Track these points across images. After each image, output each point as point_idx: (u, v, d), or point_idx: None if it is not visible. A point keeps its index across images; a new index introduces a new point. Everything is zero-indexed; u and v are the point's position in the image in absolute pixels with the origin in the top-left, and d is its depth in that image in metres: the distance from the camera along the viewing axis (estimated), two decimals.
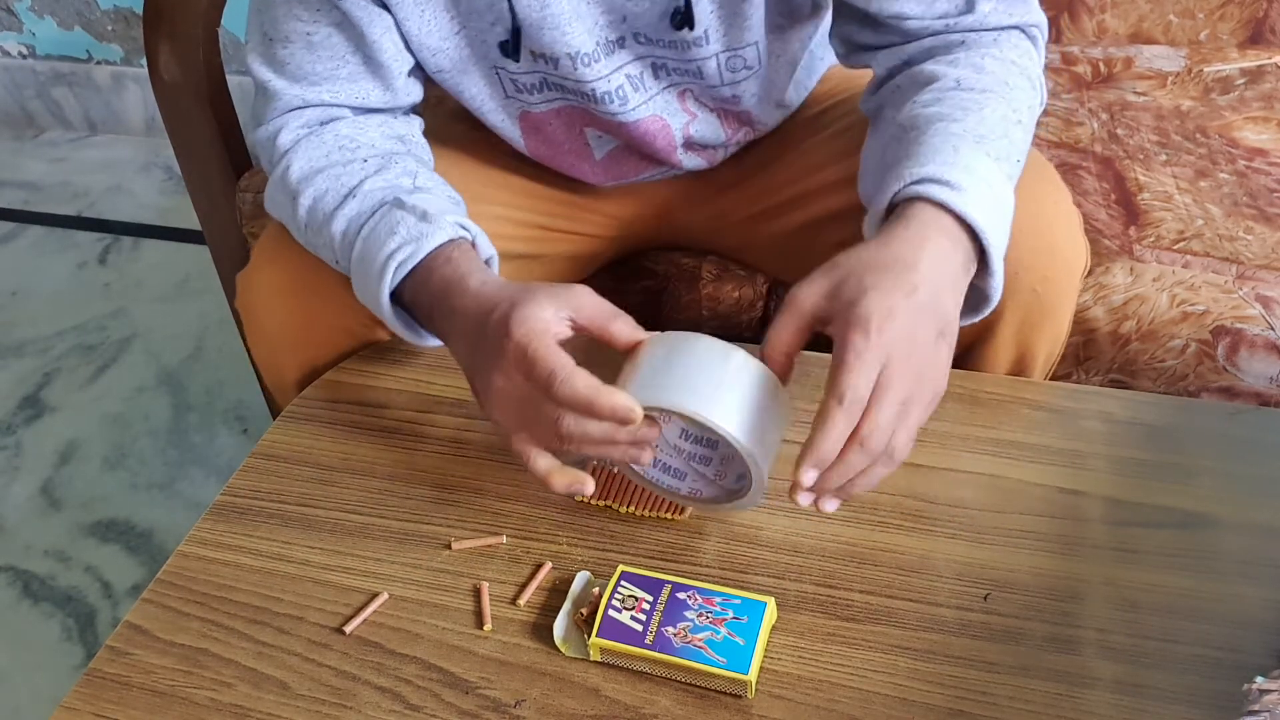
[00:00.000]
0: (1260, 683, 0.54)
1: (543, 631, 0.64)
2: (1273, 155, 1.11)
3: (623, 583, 0.63)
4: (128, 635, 0.66)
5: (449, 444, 0.77)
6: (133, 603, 0.70)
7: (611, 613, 0.61)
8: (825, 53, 0.94)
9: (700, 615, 0.61)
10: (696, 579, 0.64)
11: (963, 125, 0.67)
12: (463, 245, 0.73)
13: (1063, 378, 0.89)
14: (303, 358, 0.85)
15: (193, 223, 1.52)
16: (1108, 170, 1.10)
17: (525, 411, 0.64)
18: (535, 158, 0.93)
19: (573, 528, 0.70)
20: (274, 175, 0.82)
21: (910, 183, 0.64)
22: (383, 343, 0.86)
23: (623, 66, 0.82)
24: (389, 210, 0.75)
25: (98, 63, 2.30)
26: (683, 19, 0.76)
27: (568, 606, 0.64)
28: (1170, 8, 1.29)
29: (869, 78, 0.84)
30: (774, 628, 0.63)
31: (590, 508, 0.71)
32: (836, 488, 0.61)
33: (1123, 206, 1.05)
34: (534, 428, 0.64)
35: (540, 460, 0.64)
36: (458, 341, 0.70)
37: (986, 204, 0.64)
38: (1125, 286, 0.97)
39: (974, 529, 0.68)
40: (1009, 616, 0.63)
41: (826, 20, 0.86)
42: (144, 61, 2.18)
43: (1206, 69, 1.25)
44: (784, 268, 1.01)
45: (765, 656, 0.61)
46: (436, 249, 0.72)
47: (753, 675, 0.59)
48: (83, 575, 1.39)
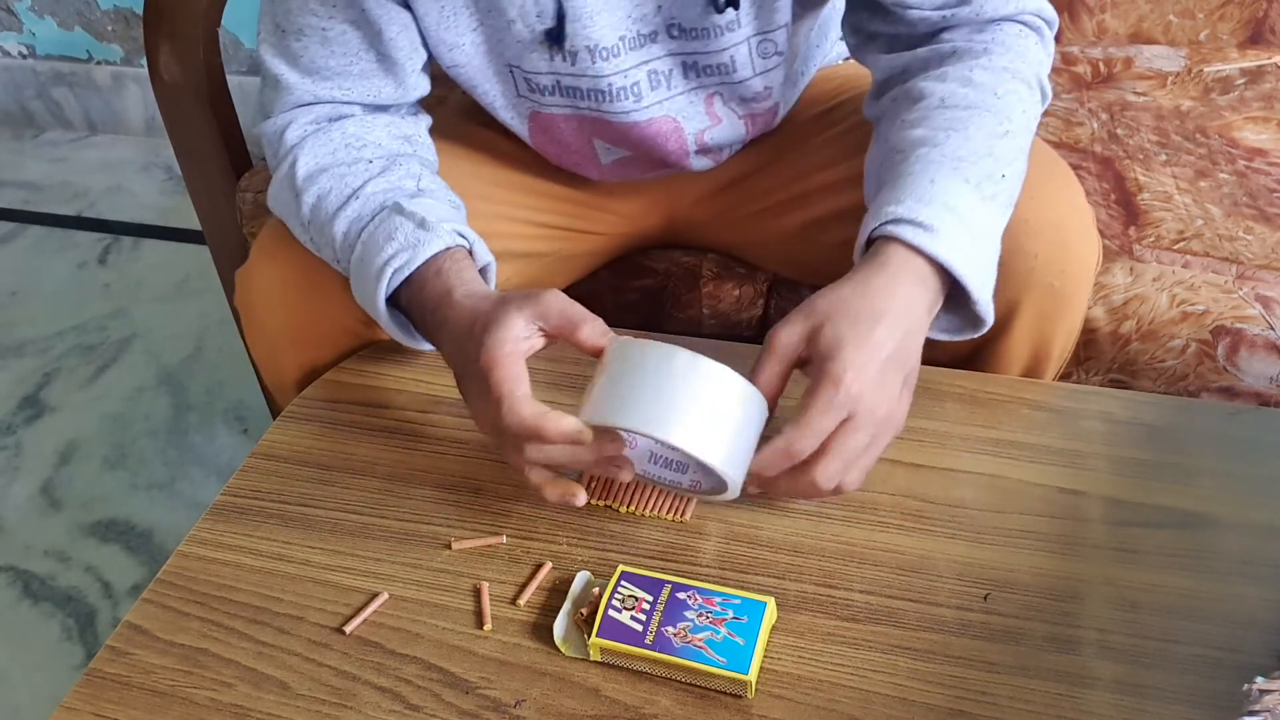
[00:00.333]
0: (1260, 683, 0.54)
1: (543, 631, 0.64)
2: (1273, 155, 1.11)
3: (623, 583, 0.63)
4: (128, 635, 0.65)
5: (449, 444, 0.77)
6: (133, 603, 0.70)
7: (611, 613, 0.61)
8: (821, 41, 0.94)
9: (700, 615, 0.61)
10: (696, 579, 0.64)
11: (942, 150, 0.70)
12: (455, 255, 0.74)
13: (1063, 378, 0.89)
14: (302, 356, 0.85)
15: (193, 223, 1.52)
16: (1108, 170, 1.10)
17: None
18: (539, 150, 0.93)
19: (573, 528, 0.70)
20: (279, 171, 0.82)
21: (884, 222, 0.67)
22: (383, 342, 0.86)
23: (649, 62, 0.83)
24: (389, 215, 0.75)
25: (98, 63, 2.30)
26: (728, 0, 0.77)
27: (568, 606, 0.64)
28: (1170, 8, 1.29)
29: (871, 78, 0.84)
30: (774, 628, 0.63)
31: (590, 508, 0.71)
32: (787, 497, 0.68)
33: (1123, 206, 1.05)
34: (510, 452, 0.67)
35: (532, 472, 0.67)
36: (448, 353, 0.72)
37: (957, 240, 0.66)
38: (1125, 286, 0.97)
39: (974, 529, 0.68)
40: (1009, 616, 0.63)
41: (826, 10, 0.87)
42: (144, 61, 2.18)
43: (1206, 69, 1.25)
44: (788, 265, 1.01)
45: (765, 656, 0.61)
46: (431, 257, 0.73)
47: (753, 675, 0.59)
48: (83, 575, 1.39)
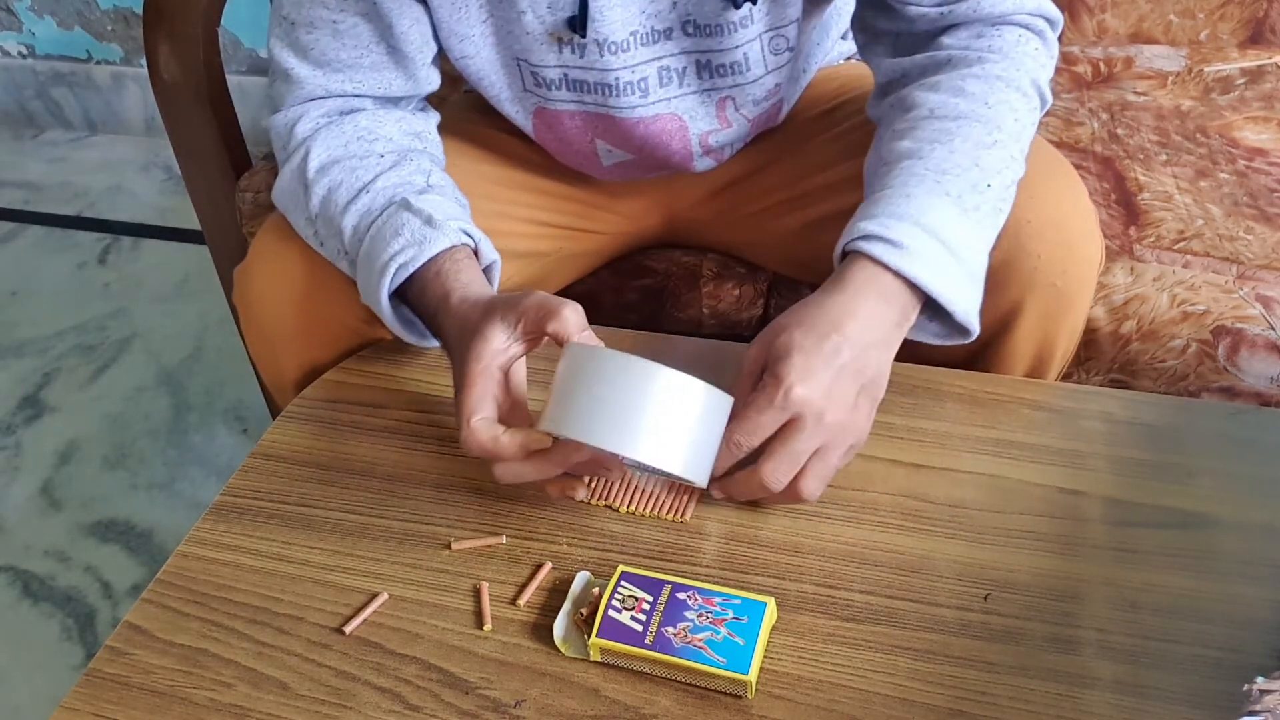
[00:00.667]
0: (1260, 683, 0.54)
1: (543, 631, 0.64)
2: (1273, 155, 1.11)
3: (623, 583, 0.63)
4: (128, 635, 0.65)
5: (449, 444, 0.77)
6: (133, 603, 0.70)
7: (611, 613, 0.61)
8: (823, 39, 0.94)
9: (700, 615, 0.61)
10: (696, 579, 0.64)
11: (925, 163, 0.70)
12: (456, 254, 0.74)
13: (1063, 378, 0.89)
14: (301, 354, 0.85)
15: (193, 223, 1.51)
16: (1108, 170, 1.10)
17: None
18: (541, 144, 0.93)
19: (573, 528, 0.70)
20: (290, 163, 0.82)
21: (856, 237, 0.68)
22: (383, 342, 0.86)
23: (661, 59, 0.83)
24: (397, 210, 0.76)
25: (98, 63, 2.30)
26: None
27: (568, 606, 0.64)
28: (1170, 8, 1.29)
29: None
30: (774, 628, 0.63)
31: (590, 508, 0.71)
32: (745, 500, 0.69)
33: (1123, 206, 1.05)
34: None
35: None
36: (449, 356, 0.73)
37: (928, 255, 0.67)
38: (1125, 286, 0.97)
39: (974, 529, 0.68)
40: (1009, 616, 0.63)
41: (830, 7, 0.88)
42: (144, 61, 2.17)
43: (1207, 69, 1.25)
44: (789, 265, 1.01)
45: (765, 656, 0.61)
46: (436, 255, 0.74)
47: (753, 675, 0.59)
48: (83, 575, 1.39)
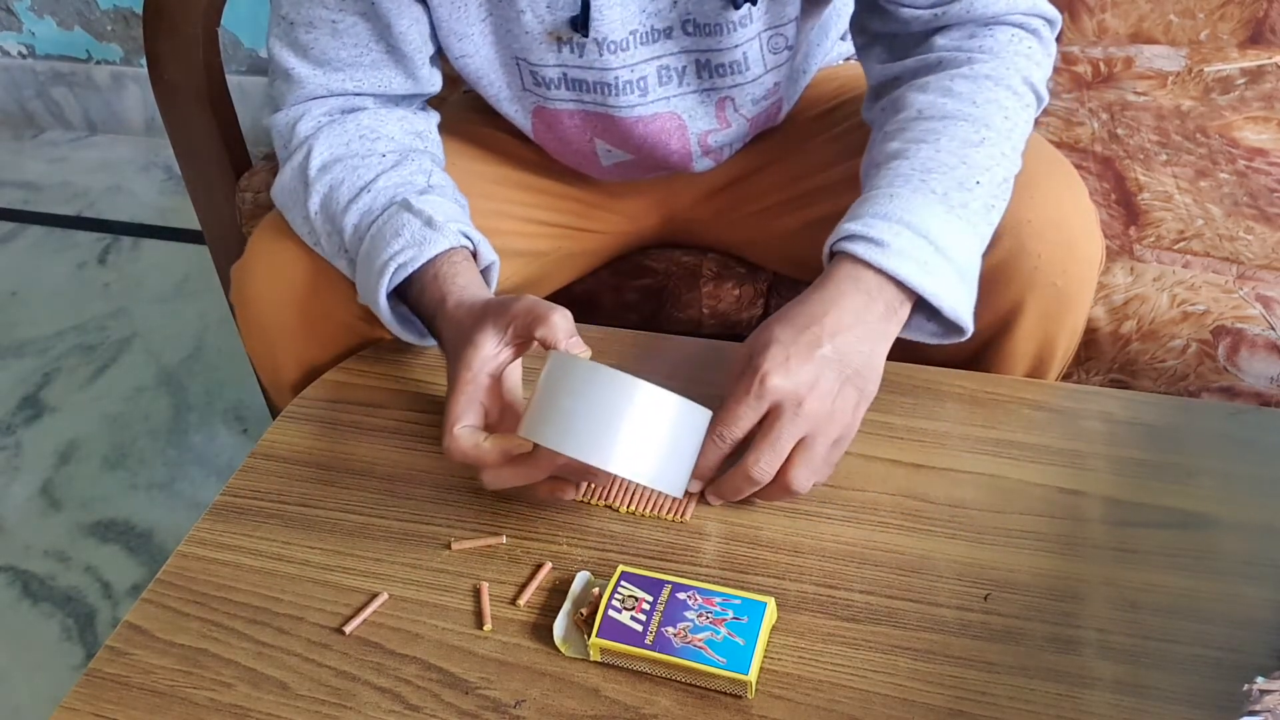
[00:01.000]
0: (1260, 683, 0.54)
1: (543, 631, 0.64)
2: (1273, 155, 1.11)
3: (623, 583, 0.63)
4: (128, 635, 0.65)
5: None
6: (133, 603, 0.70)
7: (611, 613, 0.61)
8: (822, 40, 0.94)
9: (700, 615, 0.61)
10: (696, 579, 0.64)
11: (911, 163, 0.71)
12: (454, 257, 0.75)
13: (1063, 378, 0.89)
14: (298, 352, 0.85)
15: (193, 223, 1.52)
16: (1108, 170, 1.10)
17: None
18: (540, 144, 0.93)
19: (573, 528, 0.70)
20: (291, 162, 0.82)
21: (840, 238, 0.69)
22: (383, 342, 0.86)
23: (661, 58, 0.83)
24: (397, 211, 0.76)
25: (97, 63, 2.30)
26: None
27: (568, 606, 0.64)
28: (1170, 8, 1.29)
29: None
30: (774, 628, 0.63)
31: (590, 508, 0.71)
32: (736, 499, 0.69)
33: (1123, 206, 1.05)
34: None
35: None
36: (446, 359, 0.74)
37: (912, 253, 0.67)
38: (1125, 286, 0.97)
39: (974, 529, 0.68)
40: (1009, 616, 0.63)
41: (829, 8, 0.88)
42: (144, 61, 2.17)
43: (1207, 69, 1.25)
44: (789, 264, 1.01)
45: (765, 656, 0.61)
46: (435, 257, 0.74)
47: (753, 675, 0.59)
48: (83, 575, 1.39)
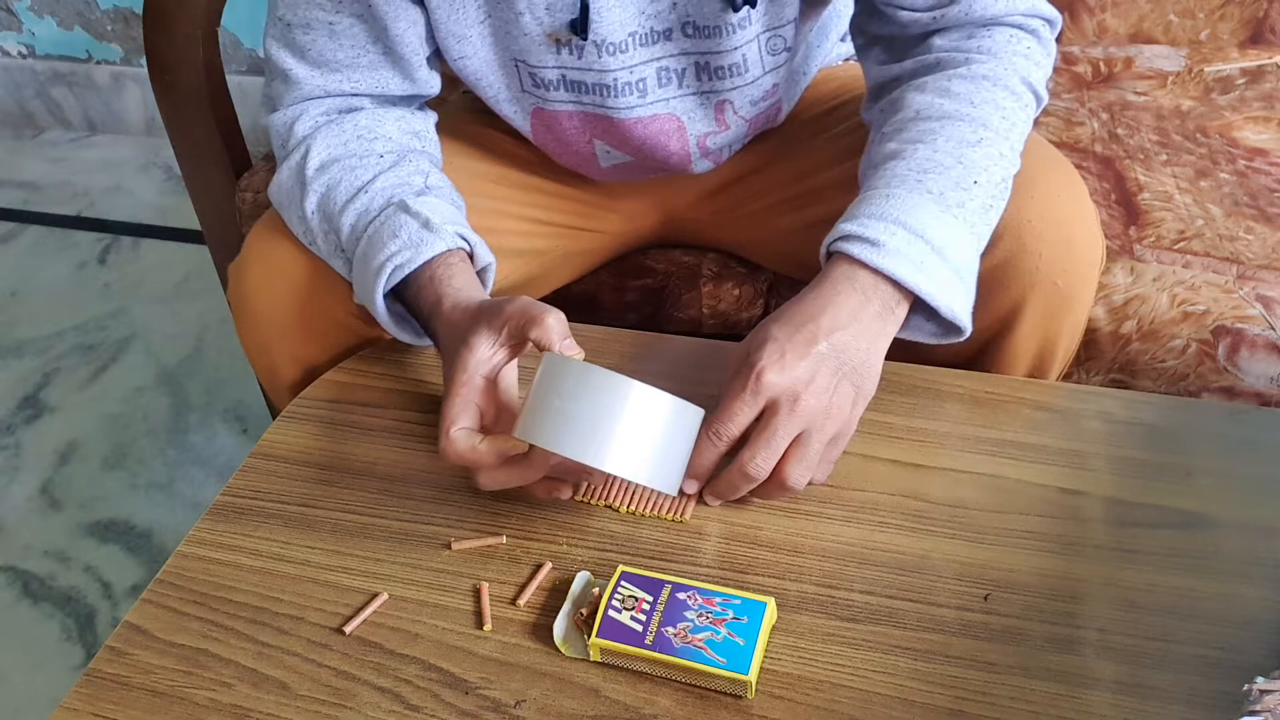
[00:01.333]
0: (1260, 683, 0.54)
1: (543, 631, 0.64)
2: (1273, 155, 1.11)
3: (623, 583, 0.63)
4: (127, 635, 0.65)
5: None
6: (133, 603, 0.70)
7: (611, 613, 0.61)
8: (822, 41, 0.94)
9: (700, 615, 0.61)
10: (696, 579, 0.64)
11: (908, 163, 0.71)
12: (450, 259, 0.75)
13: (1064, 378, 0.89)
14: (295, 349, 0.85)
15: (193, 223, 1.52)
16: (1108, 170, 1.10)
17: None
18: (540, 147, 0.93)
19: (573, 528, 0.70)
20: (288, 161, 0.82)
21: (837, 238, 0.69)
22: (383, 342, 0.86)
23: (661, 59, 0.83)
24: (395, 212, 0.76)
25: (98, 63, 2.30)
26: None
27: (568, 607, 0.64)
28: (1170, 8, 1.29)
29: None
30: (774, 628, 0.63)
31: (590, 508, 0.71)
32: (734, 498, 0.68)
33: (1123, 206, 1.05)
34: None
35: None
36: (442, 361, 0.74)
37: (908, 252, 0.67)
38: (1126, 286, 0.97)
39: (974, 529, 0.68)
40: (1009, 616, 0.63)
41: (829, 9, 0.88)
42: (144, 61, 2.17)
43: (1207, 69, 1.25)
44: (788, 264, 1.01)
45: (765, 656, 0.61)
46: (431, 259, 0.74)
47: (753, 675, 0.59)
48: (82, 575, 1.39)
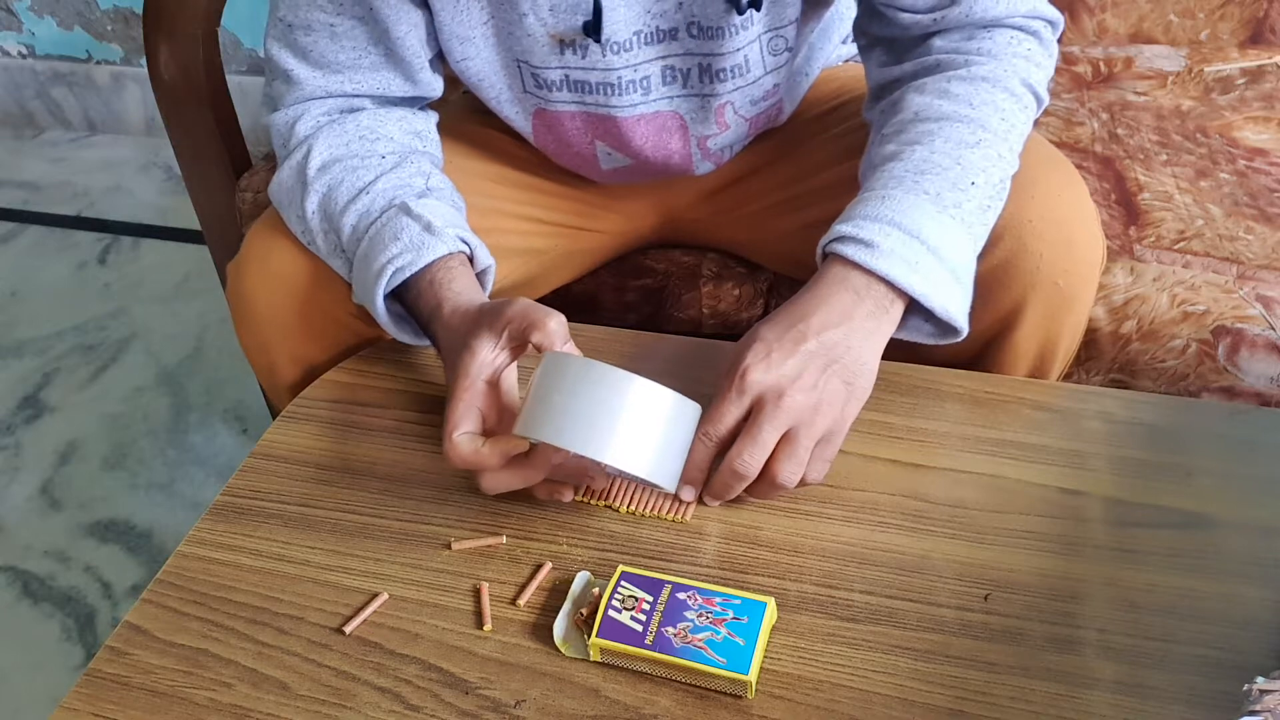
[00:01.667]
0: (1260, 683, 0.54)
1: (543, 631, 0.64)
2: (1273, 155, 1.11)
3: (623, 583, 0.63)
4: (127, 635, 0.65)
5: None
6: (133, 603, 0.70)
7: (611, 613, 0.61)
8: (825, 43, 0.94)
9: (700, 615, 0.61)
10: (696, 579, 0.64)
11: (905, 164, 0.71)
12: (450, 262, 0.75)
13: (1064, 378, 0.89)
14: (294, 348, 0.85)
15: (193, 223, 1.52)
16: (1108, 170, 1.10)
17: None
18: (543, 150, 0.93)
19: (573, 528, 0.70)
20: (290, 160, 0.82)
21: (832, 239, 0.70)
22: (383, 342, 0.86)
23: (665, 58, 0.83)
24: (396, 214, 0.76)
25: (98, 63, 2.30)
26: (750, 1, 0.77)
27: (568, 606, 0.64)
28: (1170, 8, 1.29)
29: None
30: (774, 628, 0.63)
31: (590, 508, 0.71)
32: (729, 497, 0.68)
33: (1123, 206, 1.05)
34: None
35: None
36: (444, 363, 0.75)
37: (902, 253, 0.68)
38: (1125, 286, 0.97)
39: (974, 529, 0.68)
40: (1009, 616, 0.63)
41: (831, 11, 0.88)
42: (144, 61, 2.17)
43: (1207, 69, 1.25)
44: (789, 264, 1.01)
45: (765, 656, 0.61)
46: (432, 262, 0.75)
47: (753, 675, 0.59)
48: (82, 575, 1.39)
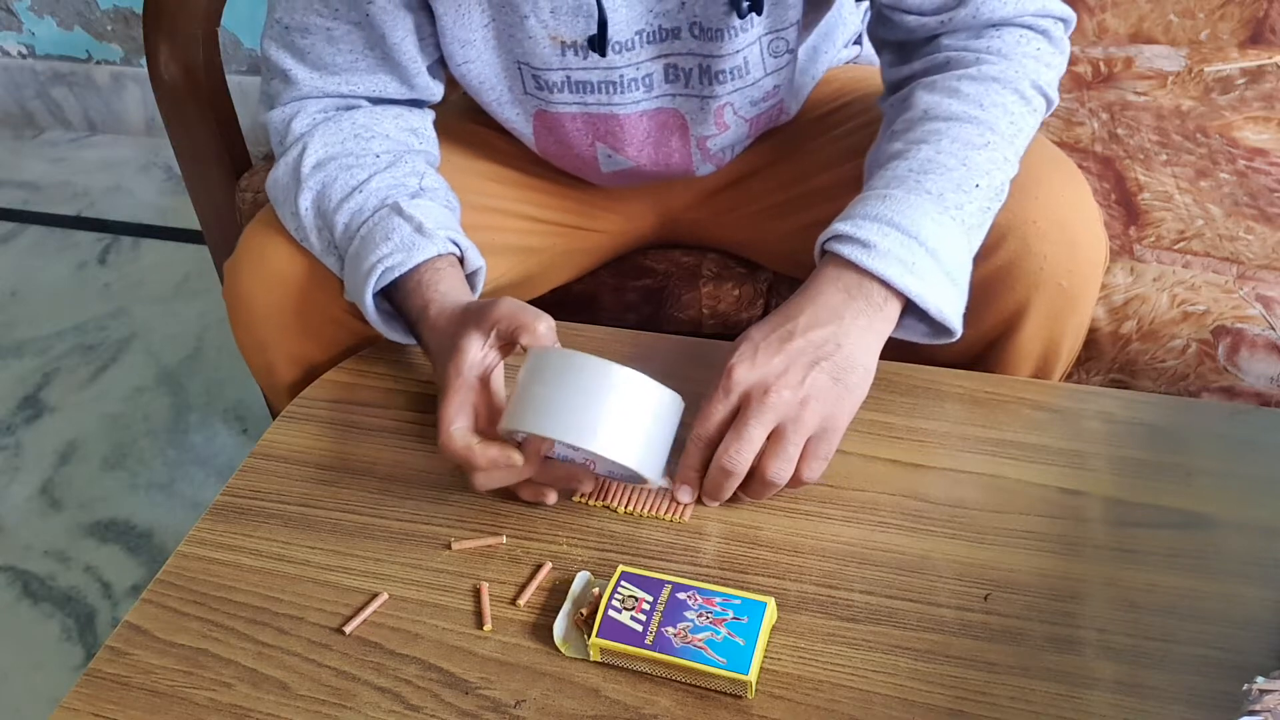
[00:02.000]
0: (1260, 683, 0.54)
1: (543, 631, 0.64)
2: (1273, 155, 1.11)
3: (623, 583, 0.63)
4: (128, 635, 0.65)
5: None
6: (133, 603, 0.70)
7: (611, 613, 0.61)
8: (829, 47, 0.94)
9: (700, 615, 0.61)
10: (696, 579, 0.64)
11: (910, 163, 0.71)
12: (439, 264, 0.76)
13: (1064, 378, 0.89)
14: (291, 348, 0.85)
15: (193, 223, 1.52)
16: (1108, 170, 1.10)
17: None
18: (544, 155, 0.93)
19: (573, 528, 0.70)
20: (286, 157, 0.83)
21: (830, 237, 0.70)
22: (382, 342, 0.86)
23: (668, 56, 0.83)
24: (389, 214, 0.76)
25: (98, 63, 2.30)
26: (751, 4, 0.77)
27: (568, 606, 0.64)
28: (1170, 8, 1.29)
29: (878, 78, 0.85)
30: (774, 628, 0.63)
31: (590, 508, 0.71)
32: (723, 497, 0.68)
33: (1123, 206, 1.05)
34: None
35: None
36: (431, 363, 0.75)
37: (899, 254, 0.68)
38: (1125, 286, 0.97)
39: (974, 529, 0.68)
40: (1009, 616, 0.63)
41: (833, 13, 0.88)
42: (144, 61, 2.17)
43: (1207, 69, 1.25)
44: (789, 264, 1.01)
45: (765, 656, 0.61)
46: (421, 263, 0.75)
47: (753, 675, 0.59)
48: (82, 575, 1.39)
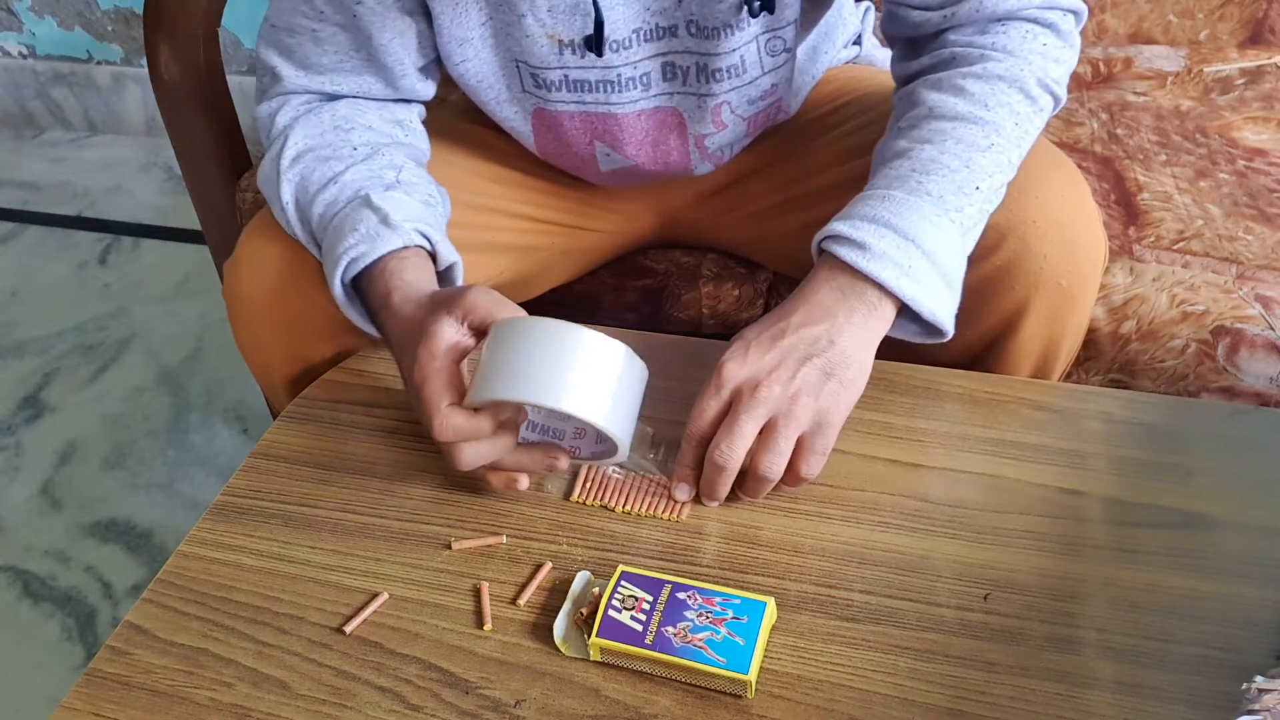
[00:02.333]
0: (1260, 683, 0.54)
1: (543, 631, 0.64)
2: (1272, 155, 1.11)
3: (623, 583, 0.63)
4: (128, 635, 0.65)
5: None
6: (133, 603, 0.70)
7: (611, 613, 0.61)
8: (829, 46, 0.94)
9: (700, 615, 0.61)
10: (696, 579, 0.64)
11: (913, 163, 0.71)
12: (405, 255, 0.75)
13: (1064, 377, 0.89)
14: (290, 347, 0.85)
15: (193, 223, 1.51)
16: (1108, 170, 1.10)
17: None
18: (543, 155, 0.93)
19: (573, 528, 0.70)
20: (270, 151, 0.83)
21: (826, 236, 0.70)
22: (381, 341, 0.86)
23: (665, 55, 0.83)
24: (359, 206, 0.77)
25: (98, 63, 2.30)
26: (762, 4, 0.77)
27: (568, 606, 0.64)
28: (1170, 8, 1.29)
29: (878, 78, 0.85)
30: (774, 628, 0.63)
31: (589, 508, 0.71)
32: (718, 494, 0.69)
33: (1123, 206, 1.05)
34: (451, 459, 0.69)
35: (474, 470, 0.69)
36: (393, 353, 0.75)
37: (895, 256, 0.68)
38: (1125, 286, 0.97)
39: (974, 529, 0.68)
40: (1009, 616, 0.63)
41: (832, 13, 0.88)
42: (144, 61, 2.17)
43: (1206, 69, 1.25)
44: (789, 263, 1.01)
45: (765, 656, 0.61)
46: (386, 254, 0.74)
47: (753, 675, 0.59)
48: (83, 575, 1.39)
